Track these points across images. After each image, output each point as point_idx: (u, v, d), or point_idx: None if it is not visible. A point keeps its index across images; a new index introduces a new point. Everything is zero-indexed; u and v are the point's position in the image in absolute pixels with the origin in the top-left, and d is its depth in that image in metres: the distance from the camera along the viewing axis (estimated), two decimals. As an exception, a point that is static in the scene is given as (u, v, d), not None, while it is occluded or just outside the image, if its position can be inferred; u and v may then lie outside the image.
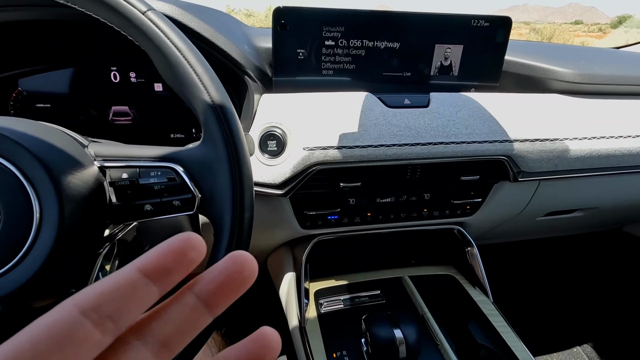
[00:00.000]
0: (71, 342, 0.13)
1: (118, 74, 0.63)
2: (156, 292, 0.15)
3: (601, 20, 31.85)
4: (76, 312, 0.13)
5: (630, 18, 8.25)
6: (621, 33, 7.91)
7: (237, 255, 0.16)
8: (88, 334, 0.13)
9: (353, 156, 0.55)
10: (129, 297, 0.14)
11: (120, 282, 0.14)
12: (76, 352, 0.13)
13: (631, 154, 0.67)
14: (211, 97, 0.33)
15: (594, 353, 1.20)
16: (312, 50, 0.61)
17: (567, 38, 27.73)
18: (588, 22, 27.53)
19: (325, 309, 0.66)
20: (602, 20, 31.10)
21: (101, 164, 0.36)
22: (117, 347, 0.15)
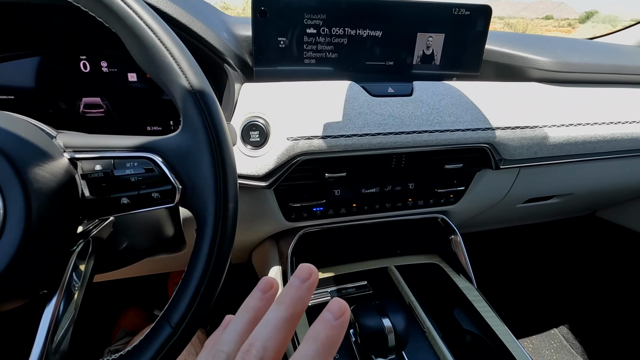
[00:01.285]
0: None
1: (88, 63, 0.59)
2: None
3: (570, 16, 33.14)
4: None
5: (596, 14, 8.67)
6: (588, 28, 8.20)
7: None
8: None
9: (338, 146, 0.54)
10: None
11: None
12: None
13: (605, 140, 0.69)
14: (189, 82, 0.32)
15: (570, 334, 1.26)
16: (294, 39, 0.59)
17: (538, 32, 28.65)
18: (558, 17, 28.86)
19: (312, 301, 0.65)
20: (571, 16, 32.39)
21: (72, 156, 0.33)
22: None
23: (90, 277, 0.38)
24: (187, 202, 0.34)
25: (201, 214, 0.33)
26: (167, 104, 0.64)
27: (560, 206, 0.93)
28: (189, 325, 0.32)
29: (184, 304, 0.32)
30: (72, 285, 0.37)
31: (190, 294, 0.32)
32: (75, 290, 0.38)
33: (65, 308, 0.36)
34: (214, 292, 0.35)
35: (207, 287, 0.34)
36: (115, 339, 1.03)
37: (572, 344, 1.23)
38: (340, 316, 0.23)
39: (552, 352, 1.22)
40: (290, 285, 0.23)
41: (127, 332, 1.04)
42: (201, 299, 0.34)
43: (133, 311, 1.13)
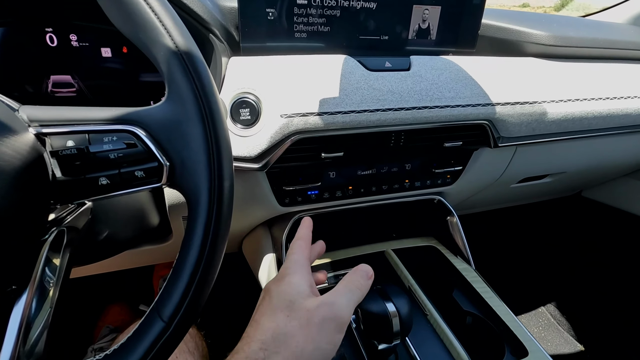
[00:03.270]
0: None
1: (55, 37, 0.53)
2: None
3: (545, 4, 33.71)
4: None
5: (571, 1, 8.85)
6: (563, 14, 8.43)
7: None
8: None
9: (335, 123, 0.51)
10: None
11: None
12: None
13: (601, 116, 0.69)
14: (175, 42, 0.27)
15: (557, 311, 1.28)
16: (283, 10, 0.55)
17: (516, 20, 28.92)
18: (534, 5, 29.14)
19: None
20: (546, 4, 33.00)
21: (38, 131, 0.29)
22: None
23: (66, 271, 0.34)
24: (176, 182, 0.30)
25: (193, 195, 0.30)
26: (147, 84, 0.58)
27: (552, 185, 0.93)
28: (184, 318, 0.29)
29: (177, 295, 0.29)
30: (45, 281, 0.33)
31: (184, 284, 0.29)
32: (49, 287, 0.33)
33: (39, 306, 0.32)
34: (210, 280, 0.32)
35: (203, 275, 0.30)
36: (99, 336, 0.98)
37: (559, 321, 1.26)
38: (372, 276, 0.36)
39: (541, 329, 1.25)
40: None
41: (112, 329, 0.99)
42: (195, 289, 0.30)
43: (117, 307, 1.08)
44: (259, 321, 0.32)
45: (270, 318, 0.31)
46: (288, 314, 0.31)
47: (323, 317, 0.31)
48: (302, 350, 0.29)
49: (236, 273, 0.45)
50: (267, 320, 0.31)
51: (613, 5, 1.00)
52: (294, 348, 0.29)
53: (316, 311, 0.31)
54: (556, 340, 1.21)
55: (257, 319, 0.32)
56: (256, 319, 0.32)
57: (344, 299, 0.33)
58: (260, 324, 0.31)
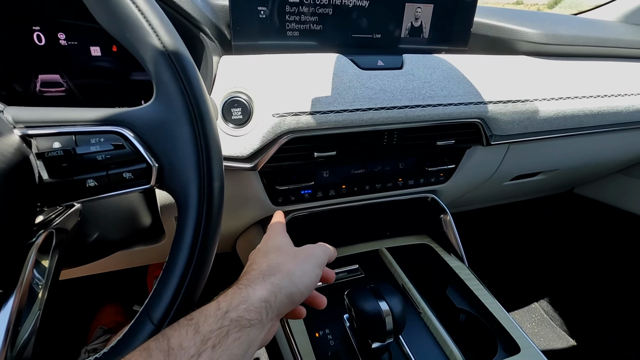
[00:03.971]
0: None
1: (43, 35, 0.52)
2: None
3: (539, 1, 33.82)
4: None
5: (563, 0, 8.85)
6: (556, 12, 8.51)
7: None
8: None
9: (328, 122, 0.51)
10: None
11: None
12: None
13: (592, 114, 0.69)
14: (162, 42, 0.27)
15: (550, 307, 1.30)
16: (275, 8, 0.54)
17: (510, 18, 28.99)
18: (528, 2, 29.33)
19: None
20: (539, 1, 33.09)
21: (23, 132, 0.28)
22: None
23: (55, 273, 0.34)
24: (165, 183, 0.30)
25: (182, 196, 0.29)
26: (138, 83, 0.58)
27: (544, 183, 0.93)
28: (174, 321, 0.29)
29: (167, 298, 0.29)
30: (34, 283, 0.32)
31: (174, 286, 0.29)
32: (38, 289, 0.33)
33: (28, 309, 0.32)
34: (200, 283, 0.31)
35: (192, 277, 0.30)
36: (92, 337, 0.97)
37: (551, 317, 1.28)
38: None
39: (534, 325, 1.26)
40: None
41: (106, 330, 0.98)
42: (186, 291, 0.30)
43: (111, 307, 1.07)
44: (253, 262, 0.38)
45: (263, 258, 0.38)
46: (278, 254, 0.39)
47: (306, 254, 0.40)
48: (292, 273, 0.36)
49: (231, 273, 0.45)
50: (260, 259, 0.38)
51: (605, 3, 1.00)
52: (286, 271, 0.36)
53: (300, 251, 0.40)
54: (549, 335, 1.22)
55: (250, 262, 0.38)
56: (250, 262, 0.38)
57: (319, 248, 0.42)
58: (255, 262, 0.37)
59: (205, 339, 0.27)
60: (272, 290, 0.32)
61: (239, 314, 0.29)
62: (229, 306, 0.29)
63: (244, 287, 0.32)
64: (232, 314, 0.29)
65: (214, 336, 0.27)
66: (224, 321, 0.28)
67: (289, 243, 0.43)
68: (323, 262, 0.41)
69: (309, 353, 0.51)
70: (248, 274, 0.35)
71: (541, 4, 4.79)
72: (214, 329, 0.27)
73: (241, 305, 0.30)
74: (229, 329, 0.28)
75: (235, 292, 0.31)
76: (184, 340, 0.26)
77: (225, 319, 0.28)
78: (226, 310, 0.29)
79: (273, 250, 0.40)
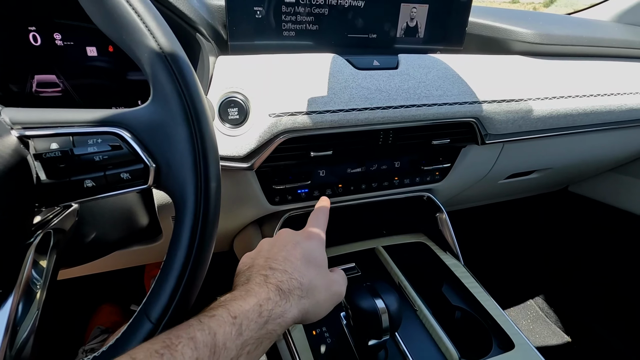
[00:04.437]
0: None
1: (39, 36, 0.52)
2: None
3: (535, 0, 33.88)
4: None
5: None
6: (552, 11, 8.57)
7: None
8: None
9: (324, 122, 0.51)
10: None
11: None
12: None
13: (585, 112, 0.70)
14: (158, 43, 0.27)
15: (545, 304, 1.31)
16: (271, 8, 0.55)
17: (506, 16, 29.10)
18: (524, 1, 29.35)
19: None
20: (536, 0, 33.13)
21: (21, 133, 0.29)
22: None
23: (53, 273, 0.34)
24: (162, 183, 0.30)
25: (179, 196, 0.30)
26: (134, 82, 0.58)
27: (539, 181, 0.94)
28: (172, 320, 0.29)
29: (165, 297, 0.29)
30: (32, 284, 0.33)
31: (172, 285, 0.29)
32: (36, 289, 0.33)
33: (26, 309, 0.32)
34: (197, 282, 0.32)
35: (190, 276, 0.30)
36: (90, 337, 0.97)
37: (546, 314, 1.29)
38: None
39: (529, 321, 1.27)
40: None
41: (103, 330, 0.99)
42: (184, 290, 0.30)
43: (108, 307, 1.07)
44: (294, 264, 0.37)
45: (305, 267, 0.37)
46: (317, 272, 0.38)
47: (337, 292, 0.41)
48: (320, 305, 0.37)
49: (228, 272, 0.46)
50: (302, 266, 0.37)
51: (599, 2, 1.01)
52: (317, 299, 0.36)
53: (333, 283, 0.40)
54: (544, 332, 1.23)
55: (289, 257, 0.38)
56: (288, 255, 0.38)
57: (344, 285, 0.43)
58: (297, 269, 0.37)
59: (245, 344, 0.28)
60: (302, 313, 0.34)
61: (274, 327, 0.31)
62: (269, 317, 0.31)
63: (285, 299, 0.33)
64: (270, 325, 0.30)
65: (252, 343, 0.29)
66: (262, 331, 0.30)
67: (325, 263, 0.42)
68: (342, 296, 0.42)
69: (306, 351, 0.52)
70: (290, 279, 0.35)
71: (537, 3, 4.81)
72: (253, 336, 0.29)
73: (278, 320, 0.31)
74: (263, 339, 0.30)
75: (276, 302, 0.32)
76: (228, 339, 0.27)
77: (263, 328, 0.30)
78: (266, 320, 0.30)
79: (314, 265, 0.39)
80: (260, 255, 0.39)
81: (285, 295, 0.33)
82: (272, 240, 0.42)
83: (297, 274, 0.35)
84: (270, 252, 0.38)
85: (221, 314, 0.28)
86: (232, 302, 0.30)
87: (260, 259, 0.38)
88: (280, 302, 0.32)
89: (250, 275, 0.35)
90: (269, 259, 0.37)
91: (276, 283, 0.33)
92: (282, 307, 0.32)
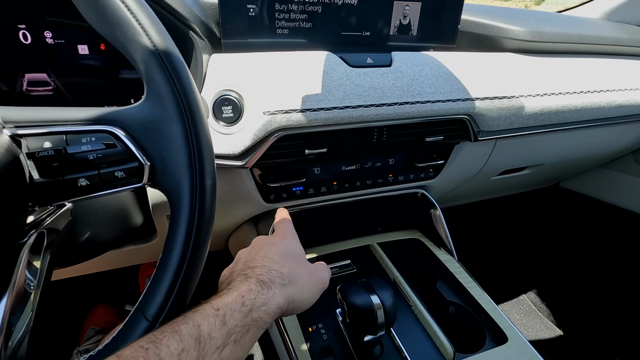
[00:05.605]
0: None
1: (29, 34, 0.52)
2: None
3: (527, -2, 33.78)
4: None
5: (550, -4, 8.81)
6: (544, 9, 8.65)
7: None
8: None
9: (318, 119, 0.51)
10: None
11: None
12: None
13: (575, 109, 0.71)
14: (152, 41, 0.27)
15: (537, 298, 1.33)
16: (264, 6, 0.55)
17: (498, 14, 29.25)
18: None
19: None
20: (527, -2, 33.02)
21: (13, 132, 0.28)
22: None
23: (47, 273, 0.34)
24: (157, 181, 0.30)
25: (174, 194, 0.30)
26: (127, 81, 0.57)
27: (531, 177, 0.95)
28: (168, 317, 0.29)
29: (161, 295, 0.29)
30: (25, 284, 0.32)
31: (167, 283, 0.29)
32: (30, 289, 0.33)
33: (20, 309, 0.32)
34: (193, 280, 0.32)
35: (186, 274, 0.30)
36: (84, 338, 0.96)
37: (539, 308, 1.31)
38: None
39: (522, 316, 1.29)
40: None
41: (98, 331, 0.98)
42: (179, 288, 0.31)
43: (102, 308, 1.07)
44: (272, 259, 0.38)
45: (283, 260, 0.39)
46: (296, 262, 0.40)
47: (320, 278, 0.42)
48: (305, 290, 0.38)
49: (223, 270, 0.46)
50: (280, 260, 0.38)
51: (589, 0, 1.02)
52: (302, 286, 0.38)
53: (315, 271, 0.42)
54: (537, 326, 1.25)
55: (267, 254, 0.39)
56: (266, 253, 0.39)
57: (328, 274, 0.44)
58: (275, 261, 0.38)
59: (230, 333, 0.29)
60: (287, 299, 0.35)
61: (259, 315, 0.31)
62: (253, 305, 0.31)
63: (267, 289, 0.34)
64: (254, 313, 0.31)
65: (237, 331, 0.29)
66: (247, 319, 0.30)
67: (303, 255, 0.44)
68: (326, 284, 0.43)
69: (303, 347, 0.52)
70: (269, 271, 0.36)
71: (528, 1, 4.85)
72: (238, 324, 0.29)
73: (262, 307, 0.32)
74: (250, 327, 0.30)
75: (258, 291, 0.33)
76: (212, 329, 0.28)
77: (248, 317, 0.30)
78: (250, 308, 0.31)
79: (291, 257, 0.40)
80: (238, 263, 0.40)
81: (267, 285, 0.34)
82: (249, 249, 0.43)
83: (275, 266, 0.37)
84: (249, 257, 0.40)
85: (204, 308, 0.29)
86: (215, 297, 0.31)
87: (239, 265, 0.39)
88: (262, 291, 0.33)
89: (232, 279, 0.35)
90: (248, 262, 0.38)
91: (256, 277, 0.34)
92: (265, 296, 0.33)
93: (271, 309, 0.33)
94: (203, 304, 0.30)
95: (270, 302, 0.33)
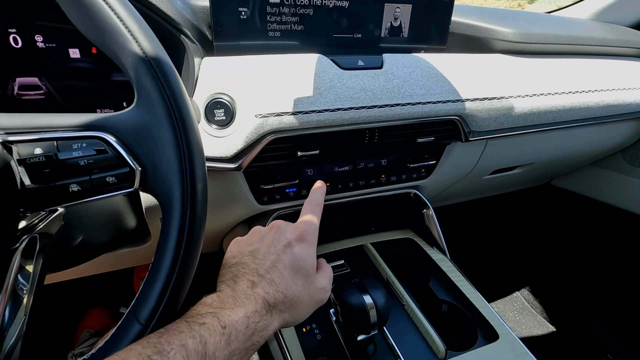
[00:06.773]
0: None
1: (19, 38, 0.51)
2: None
3: (520, -3, 33.95)
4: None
5: (544, -6, 8.92)
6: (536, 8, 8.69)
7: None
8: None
9: (310, 122, 0.52)
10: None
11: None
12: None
13: (564, 109, 0.72)
14: (141, 47, 0.27)
15: (530, 295, 1.35)
16: (256, 9, 0.55)
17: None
18: (509, -2, 29.34)
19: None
20: (520, -3, 33.17)
21: (4, 139, 0.28)
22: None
23: (39, 278, 0.34)
24: (148, 186, 0.31)
25: (166, 198, 0.30)
26: (119, 83, 0.57)
27: (522, 176, 0.97)
28: (160, 321, 0.30)
29: (153, 298, 0.29)
30: (18, 289, 0.32)
31: (160, 287, 0.29)
32: (23, 294, 0.33)
33: (13, 314, 0.32)
34: (185, 283, 0.32)
35: (178, 277, 0.31)
36: (79, 341, 0.96)
37: (532, 305, 1.32)
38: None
39: (516, 313, 1.30)
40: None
41: (93, 333, 0.98)
42: (172, 291, 0.31)
43: (97, 310, 1.07)
44: (281, 274, 0.37)
45: (292, 277, 0.37)
46: (304, 281, 0.38)
47: (321, 299, 0.41)
48: (301, 315, 0.38)
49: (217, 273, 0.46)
50: (290, 275, 0.37)
51: (580, 0, 1.04)
52: (298, 311, 0.38)
53: (319, 291, 0.41)
54: (530, 322, 1.27)
55: (277, 262, 0.37)
56: (280, 269, 0.37)
57: (329, 293, 0.43)
58: (284, 277, 0.37)
59: (233, 354, 0.29)
60: (281, 324, 0.36)
61: (258, 339, 0.32)
62: (255, 329, 0.32)
63: (269, 314, 0.34)
64: (255, 337, 0.32)
65: (238, 353, 0.30)
66: (248, 342, 0.31)
67: (314, 269, 0.41)
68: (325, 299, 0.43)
69: (297, 347, 0.53)
70: (277, 292, 0.35)
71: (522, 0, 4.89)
72: (240, 347, 0.30)
73: (262, 332, 0.33)
74: (249, 350, 0.31)
75: (262, 315, 0.33)
76: (217, 349, 0.28)
77: (249, 340, 0.31)
78: (252, 332, 0.32)
79: (301, 274, 0.38)
80: (248, 247, 0.39)
81: (271, 308, 0.34)
82: (264, 231, 0.41)
83: (283, 287, 0.36)
84: (259, 250, 0.38)
85: (211, 323, 0.29)
86: (221, 310, 0.31)
87: (248, 256, 0.38)
88: (266, 315, 0.33)
89: (237, 274, 0.35)
90: (257, 260, 0.37)
91: (263, 295, 0.34)
92: (267, 321, 0.33)
93: (268, 334, 0.33)
94: (208, 314, 0.30)
95: (268, 328, 0.34)
